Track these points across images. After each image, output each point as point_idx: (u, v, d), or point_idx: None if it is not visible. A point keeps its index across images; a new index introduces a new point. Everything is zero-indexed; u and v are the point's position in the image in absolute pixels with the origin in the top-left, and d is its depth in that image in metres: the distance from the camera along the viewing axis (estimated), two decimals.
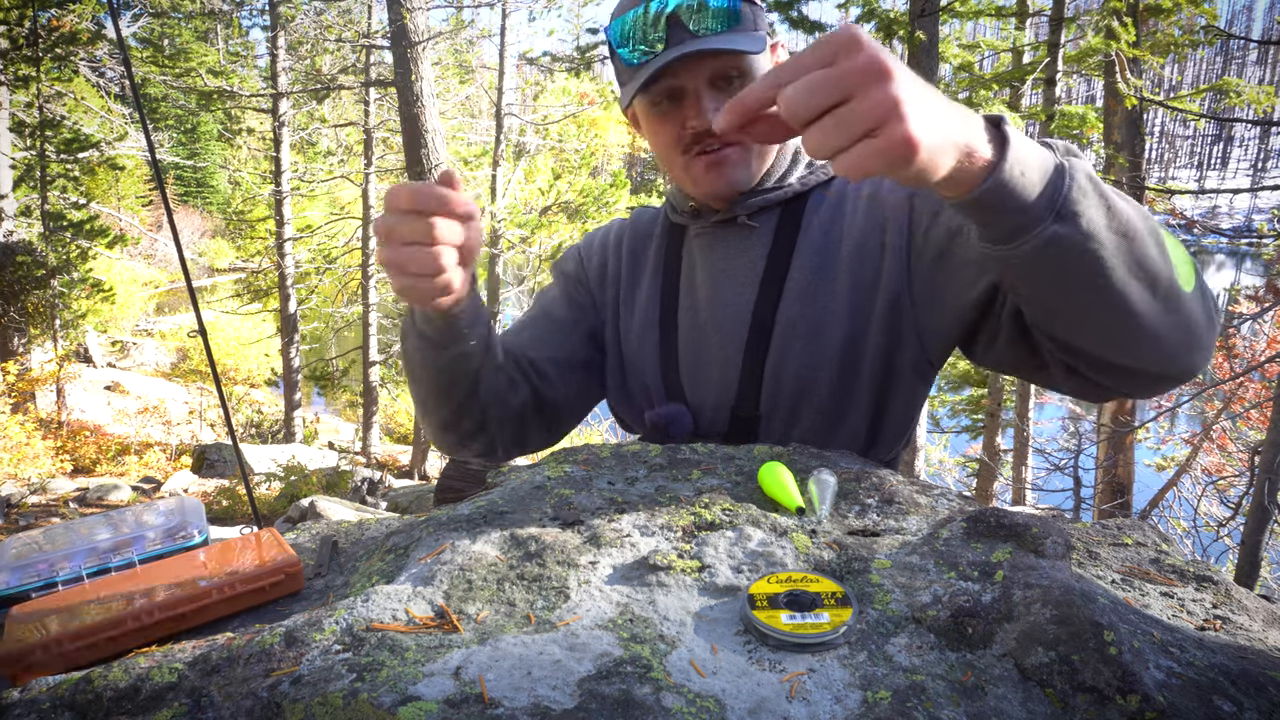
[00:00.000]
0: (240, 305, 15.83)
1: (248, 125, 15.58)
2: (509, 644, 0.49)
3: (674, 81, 0.95)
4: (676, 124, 0.98)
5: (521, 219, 13.12)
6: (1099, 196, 0.63)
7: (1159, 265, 0.67)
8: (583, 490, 0.74)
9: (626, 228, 1.21)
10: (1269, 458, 3.64)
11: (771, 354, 1.01)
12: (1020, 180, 0.60)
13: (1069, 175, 0.62)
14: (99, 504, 7.70)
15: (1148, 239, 0.66)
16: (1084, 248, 0.63)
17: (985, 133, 0.60)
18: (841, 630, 0.50)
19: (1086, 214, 0.62)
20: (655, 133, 1.01)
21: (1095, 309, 0.68)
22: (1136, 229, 0.65)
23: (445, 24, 14.26)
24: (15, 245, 10.54)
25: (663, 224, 1.17)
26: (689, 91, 0.95)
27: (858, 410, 1.00)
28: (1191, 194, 3.70)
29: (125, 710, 0.47)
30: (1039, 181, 0.61)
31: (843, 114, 0.52)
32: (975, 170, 0.59)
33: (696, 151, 0.98)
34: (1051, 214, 0.62)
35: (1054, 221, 0.62)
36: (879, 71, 0.52)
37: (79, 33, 10.80)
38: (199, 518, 0.82)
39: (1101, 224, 0.63)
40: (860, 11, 5.94)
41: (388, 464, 11.93)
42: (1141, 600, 0.62)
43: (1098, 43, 6.28)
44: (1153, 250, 0.66)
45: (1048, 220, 0.62)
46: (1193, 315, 0.71)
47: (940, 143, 0.54)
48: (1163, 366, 0.73)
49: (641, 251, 1.18)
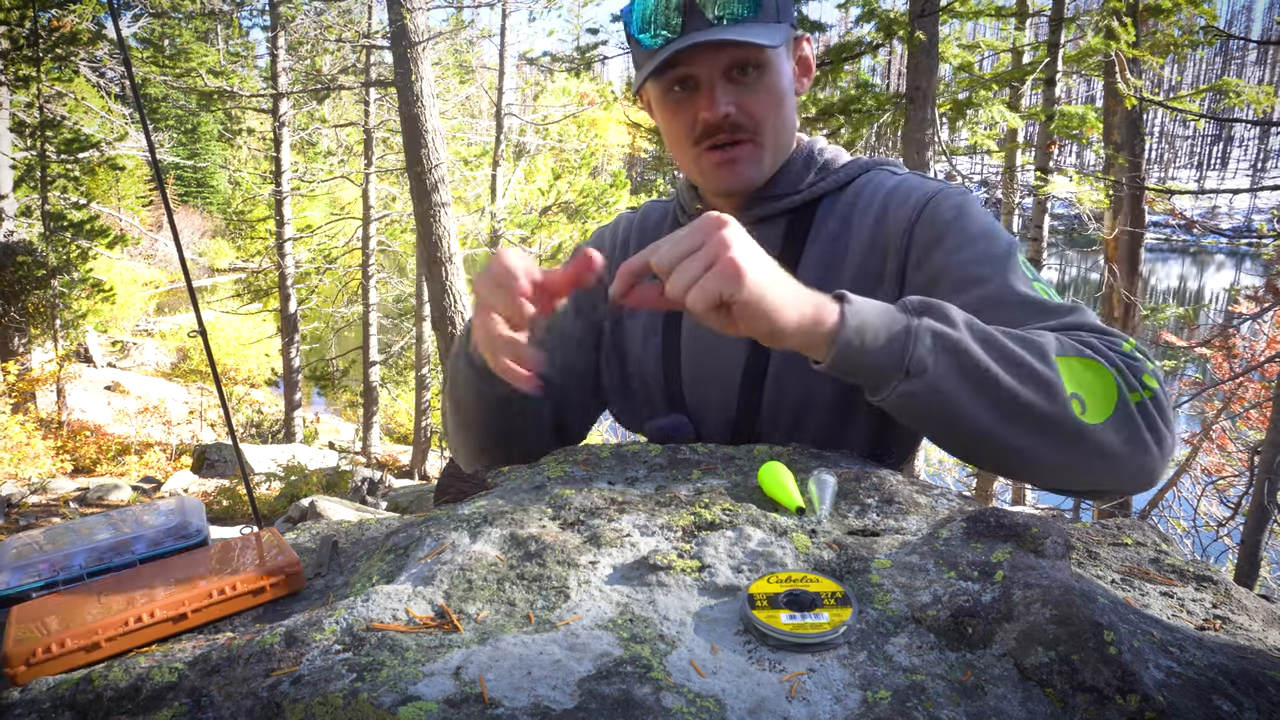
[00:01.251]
0: (240, 305, 15.84)
1: (248, 125, 15.58)
2: (509, 644, 0.49)
3: (688, 69, 0.93)
4: (689, 113, 0.96)
5: (521, 219, 13.13)
6: (949, 353, 0.70)
7: (1034, 405, 0.71)
8: (583, 490, 0.74)
9: (634, 224, 1.19)
10: (1269, 458, 3.64)
11: (771, 369, 1.00)
12: (863, 346, 0.70)
13: (914, 337, 0.70)
14: (99, 504, 7.71)
15: (1016, 384, 0.71)
16: (937, 400, 0.71)
17: (831, 304, 0.70)
18: (841, 630, 0.50)
19: (935, 370, 0.70)
20: (666, 120, 1.00)
21: (970, 444, 0.75)
22: (997, 376, 0.70)
23: (445, 24, 14.25)
24: (15, 245, 10.55)
25: (670, 224, 1.15)
26: (703, 81, 0.93)
27: (859, 429, 0.99)
28: (1191, 194, 3.70)
29: (125, 710, 0.47)
30: (885, 344, 0.70)
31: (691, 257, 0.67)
32: (822, 335, 0.69)
33: (708, 145, 0.97)
34: (901, 373, 0.71)
35: (904, 380, 0.71)
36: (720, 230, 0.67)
37: (79, 33, 10.80)
38: (199, 517, 0.82)
39: (953, 378, 0.70)
40: (860, 11, 5.93)
41: (388, 464, 11.94)
42: (1141, 600, 0.62)
43: (1097, 43, 6.28)
44: (1024, 392, 0.70)
45: (898, 379, 0.71)
46: (1104, 444, 0.72)
47: (772, 291, 0.66)
48: (1083, 488, 0.76)
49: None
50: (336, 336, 16.47)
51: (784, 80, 0.97)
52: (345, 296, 14.75)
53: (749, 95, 0.94)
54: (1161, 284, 33.21)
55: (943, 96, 7.05)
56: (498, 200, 12.42)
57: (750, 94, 0.94)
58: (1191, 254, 38.15)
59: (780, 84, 0.96)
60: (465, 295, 7.77)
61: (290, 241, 13.04)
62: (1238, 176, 59.56)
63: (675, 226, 1.13)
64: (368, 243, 13.05)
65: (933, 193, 0.96)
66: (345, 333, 16.54)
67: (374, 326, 13.26)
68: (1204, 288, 31.69)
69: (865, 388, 0.75)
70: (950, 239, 0.91)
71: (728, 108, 0.93)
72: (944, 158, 5.74)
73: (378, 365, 13.25)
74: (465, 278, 7.89)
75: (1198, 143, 64.68)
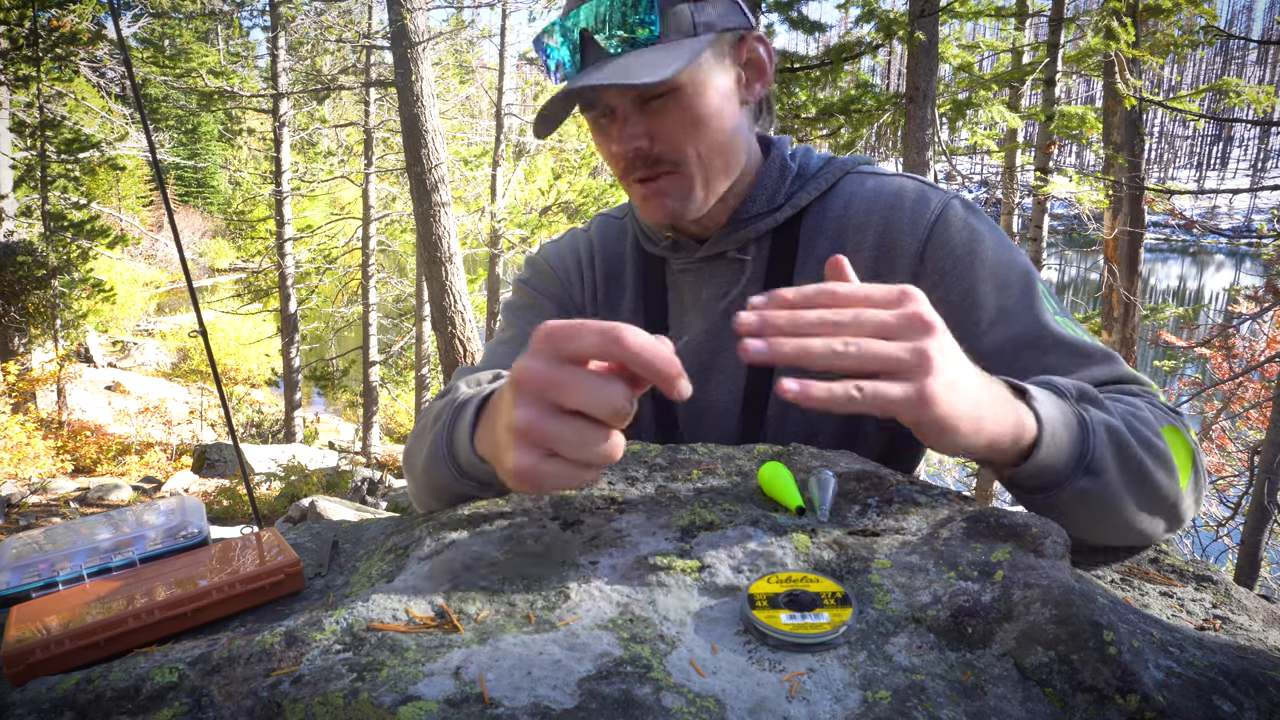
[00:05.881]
0: (240, 305, 15.85)
1: (248, 125, 15.59)
2: (509, 644, 0.49)
3: (597, 100, 0.87)
4: (610, 142, 0.89)
5: (521, 219, 13.13)
6: (1117, 447, 0.66)
7: (1164, 487, 0.69)
8: (583, 490, 0.74)
9: (594, 243, 1.08)
10: (1268, 458, 3.65)
11: (772, 402, 0.95)
12: (1056, 449, 0.63)
13: (1092, 431, 0.64)
14: (99, 504, 7.70)
15: (1155, 469, 0.68)
16: (1104, 495, 0.66)
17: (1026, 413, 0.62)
18: (841, 630, 0.50)
19: (1108, 465, 0.65)
20: (599, 147, 0.93)
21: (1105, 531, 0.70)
22: (1150, 467, 0.67)
23: (445, 24, 14.26)
24: (16, 245, 10.55)
25: (634, 248, 1.06)
26: (615, 109, 0.86)
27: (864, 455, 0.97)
28: (1191, 194, 3.70)
29: (125, 710, 0.47)
30: (1069, 445, 0.63)
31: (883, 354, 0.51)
32: (1019, 451, 0.61)
33: (636, 178, 0.89)
34: (1080, 472, 0.64)
35: (1081, 477, 0.64)
36: (927, 340, 0.52)
37: (79, 33, 10.81)
38: (199, 517, 0.82)
39: (1117, 471, 0.66)
40: (860, 11, 5.94)
41: (388, 464, 11.93)
42: (1141, 600, 0.62)
43: (1097, 43, 6.28)
44: (1161, 477, 0.68)
45: (1076, 477, 0.64)
46: (1187, 507, 0.72)
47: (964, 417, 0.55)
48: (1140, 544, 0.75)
49: (615, 276, 1.06)
50: (336, 336, 16.47)
51: (709, 99, 0.86)
52: (345, 296, 14.75)
53: (668, 123, 0.85)
54: (1161, 284, 33.21)
55: (943, 96, 7.06)
56: (498, 200, 12.43)
57: (668, 121, 0.85)
58: (1191, 254, 38.14)
59: (701, 106, 0.85)
60: (465, 295, 7.77)
61: (290, 241, 13.04)
62: (1237, 176, 59.55)
63: (636, 249, 1.05)
64: (368, 243, 13.06)
65: (938, 209, 0.90)
66: (345, 333, 16.55)
67: (374, 326, 13.26)
68: (1204, 288, 31.68)
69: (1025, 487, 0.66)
70: (967, 267, 0.87)
71: (637, 142, 0.85)
72: (944, 158, 5.75)
73: (378, 365, 13.25)
74: (465, 277, 7.89)
75: (1197, 143, 64.68)
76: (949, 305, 0.87)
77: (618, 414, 0.49)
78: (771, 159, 0.97)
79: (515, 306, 1.09)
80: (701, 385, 0.99)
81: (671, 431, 1.02)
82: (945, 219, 0.89)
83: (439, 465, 0.73)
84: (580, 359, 0.50)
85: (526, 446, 0.51)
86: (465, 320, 7.65)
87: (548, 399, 0.50)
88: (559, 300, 1.07)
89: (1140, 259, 6.87)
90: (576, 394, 0.49)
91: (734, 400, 0.97)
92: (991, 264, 0.87)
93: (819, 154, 1.01)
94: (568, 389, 0.49)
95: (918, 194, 0.92)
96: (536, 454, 0.51)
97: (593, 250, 1.08)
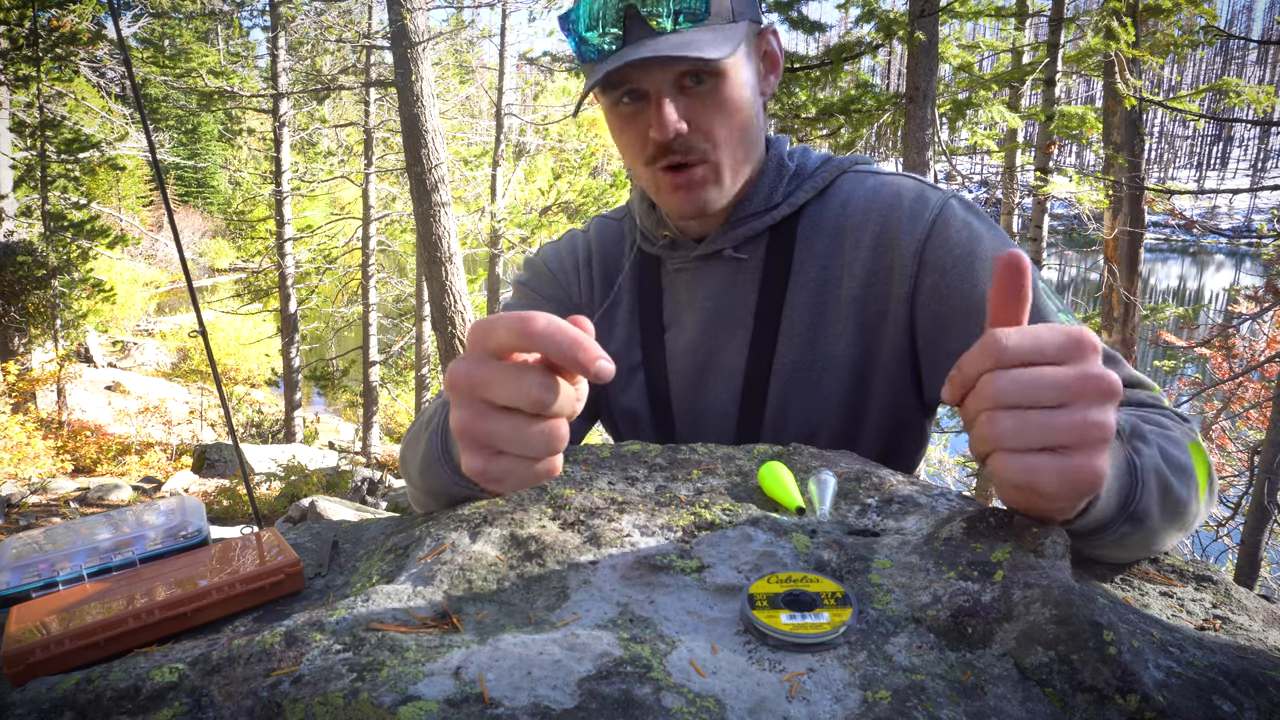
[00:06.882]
0: (240, 305, 15.85)
1: (248, 125, 15.60)
2: (509, 644, 0.49)
3: (633, 84, 0.84)
4: (639, 129, 0.86)
5: (521, 219, 13.13)
6: (1161, 491, 0.63)
7: (1191, 509, 0.68)
8: (583, 490, 0.74)
9: (592, 244, 1.08)
10: (1268, 458, 3.65)
11: (770, 402, 0.94)
12: (1105, 506, 0.59)
13: (1142, 482, 0.62)
14: (99, 504, 7.71)
15: (1189, 499, 0.66)
16: (1143, 537, 0.64)
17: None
18: (841, 630, 0.50)
19: (1152, 511, 0.63)
20: (617, 132, 0.90)
21: (1130, 558, 0.69)
22: (1186, 500, 0.66)
23: (445, 24, 14.26)
24: (16, 245, 10.55)
25: (630, 248, 1.04)
26: (651, 94, 0.84)
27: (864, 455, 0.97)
28: (1191, 194, 3.70)
29: (125, 710, 0.47)
30: (1116, 494, 0.60)
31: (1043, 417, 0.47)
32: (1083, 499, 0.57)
33: (663, 165, 0.87)
34: (1124, 518, 0.62)
35: (1125, 523, 0.62)
36: (1108, 390, 0.47)
37: (79, 33, 10.81)
38: (199, 517, 0.82)
39: (1158, 514, 0.64)
40: (860, 11, 5.94)
41: (388, 464, 11.93)
42: (1141, 600, 0.62)
43: (1097, 43, 6.28)
44: (1192, 505, 0.67)
45: (1119, 523, 0.62)
46: (1200, 520, 0.71)
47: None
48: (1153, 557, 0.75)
49: (614, 277, 1.06)
50: (336, 336, 16.47)
51: (744, 88, 0.86)
52: (345, 296, 14.76)
53: (703, 109, 0.84)
54: (1161, 284, 33.21)
55: (943, 96, 7.05)
56: (498, 200, 12.43)
57: (705, 107, 0.84)
58: (1191, 254, 38.14)
59: (739, 93, 0.85)
60: (465, 295, 7.78)
61: (290, 241, 13.04)
62: (1237, 176, 59.55)
63: (639, 258, 1.04)
64: (368, 243, 13.06)
65: (936, 208, 0.89)
66: (345, 333, 16.55)
67: (374, 326, 13.26)
68: (1204, 288, 31.68)
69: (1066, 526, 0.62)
70: (967, 266, 0.86)
71: (679, 125, 0.83)
72: (944, 158, 5.75)
73: (377, 365, 13.25)
74: (465, 277, 7.89)
75: (1197, 143, 64.68)
76: (949, 305, 0.86)
77: (537, 403, 0.47)
78: (770, 158, 0.96)
79: (514, 308, 1.08)
80: (698, 386, 0.98)
81: (669, 433, 1.01)
82: (944, 218, 0.89)
83: (435, 467, 0.73)
84: (501, 353, 0.48)
85: (474, 448, 0.50)
86: (465, 320, 7.66)
87: (478, 397, 0.49)
88: (558, 301, 1.07)
89: (1140, 259, 6.87)
90: (499, 388, 0.48)
91: (731, 400, 0.97)
92: (991, 263, 0.86)
93: (817, 153, 1.00)
94: (490, 384, 0.48)
95: (916, 193, 0.92)
96: (484, 454, 0.50)
97: (591, 251, 1.07)
